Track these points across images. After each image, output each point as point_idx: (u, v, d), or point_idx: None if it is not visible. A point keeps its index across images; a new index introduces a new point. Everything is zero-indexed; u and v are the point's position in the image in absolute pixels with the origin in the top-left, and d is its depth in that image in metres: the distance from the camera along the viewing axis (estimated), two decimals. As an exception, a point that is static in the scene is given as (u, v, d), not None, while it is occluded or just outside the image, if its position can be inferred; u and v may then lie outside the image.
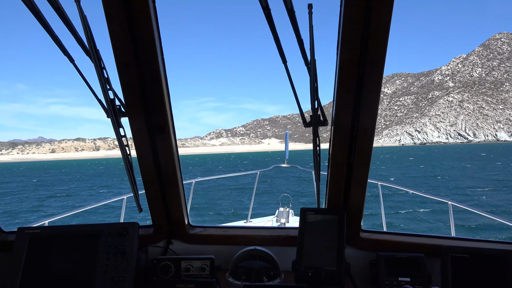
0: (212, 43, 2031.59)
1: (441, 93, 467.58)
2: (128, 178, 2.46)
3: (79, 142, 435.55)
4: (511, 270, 2.14)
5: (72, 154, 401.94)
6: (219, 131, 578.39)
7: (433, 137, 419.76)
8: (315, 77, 2.04)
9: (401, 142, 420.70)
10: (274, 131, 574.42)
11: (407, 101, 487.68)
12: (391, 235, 2.83)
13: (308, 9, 1.83)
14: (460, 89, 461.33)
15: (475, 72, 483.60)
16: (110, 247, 2.35)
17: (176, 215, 2.79)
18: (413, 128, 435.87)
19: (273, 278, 2.49)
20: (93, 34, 1.93)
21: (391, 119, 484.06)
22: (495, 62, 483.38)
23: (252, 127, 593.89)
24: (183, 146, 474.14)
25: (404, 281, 2.37)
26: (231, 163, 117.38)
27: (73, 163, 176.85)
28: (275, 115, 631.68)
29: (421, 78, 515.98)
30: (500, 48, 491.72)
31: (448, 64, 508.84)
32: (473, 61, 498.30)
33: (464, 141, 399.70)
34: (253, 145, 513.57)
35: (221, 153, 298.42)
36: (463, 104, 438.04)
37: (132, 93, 2.20)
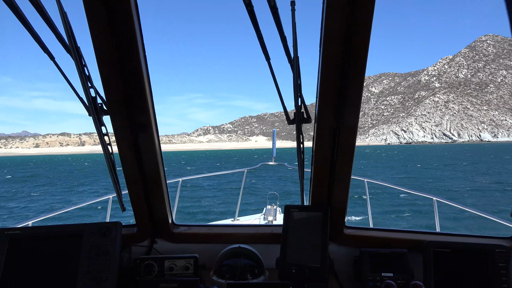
0: (201, 39, 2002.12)
1: (427, 94, 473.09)
2: (110, 177, 2.44)
3: (64, 137, 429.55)
4: (492, 264, 2.16)
5: (57, 149, 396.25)
6: (206, 128, 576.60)
7: (418, 136, 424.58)
8: (298, 74, 2.05)
9: (387, 141, 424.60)
10: (262, 128, 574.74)
11: (394, 100, 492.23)
12: (374, 231, 2.83)
13: (290, 6, 1.84)
14: (446, 90, 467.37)
15: (461, 73, 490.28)
16: (92, 247, 2.32)
17: (160, 214, 2.77)
18: (399, 127, 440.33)
19: (258, 275, 2.49)
20: (73, 31, 1.88)
21: (378, 118, 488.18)
22: (481, 63, 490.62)
23: (240, 124, 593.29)
24: (170, 143, 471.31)
25: (387, 276, 2.37)
26: (218, 160, 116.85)
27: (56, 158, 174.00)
28: (263, 112, 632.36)
29: (408, 78, 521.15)
30: (485, 50, 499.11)
31: (434, 65, 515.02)
32: (459, 62, 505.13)
33: (448, 141, 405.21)
34: (240, 142, 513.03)
35: (208, 150, 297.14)
36: (448, 104, 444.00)
37: (114, 91, 2.18)
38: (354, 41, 1.95)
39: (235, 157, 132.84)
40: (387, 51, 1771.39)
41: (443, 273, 2.20)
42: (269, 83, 2.02)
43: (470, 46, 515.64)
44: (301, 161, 2.51)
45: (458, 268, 2.20)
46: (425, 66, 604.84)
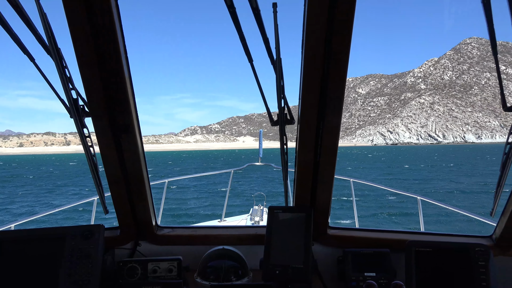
0: (190, 39, 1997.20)
1: (413, 95, 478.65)
2: (93, 179, 2.42)
3: (48, 136, 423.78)
4: (472, 262, 2.19)
5: (42, 148, 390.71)
6: (194, 128, 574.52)
7: (404, 137, 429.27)
8: (281, 76, 2.05)
9: (373, 142, 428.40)
10: (249, 129, 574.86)
11: (381, 101, 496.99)
12: (358, 231, 2.85)
13: (272, 8, 1.84)
14: (431, 92, 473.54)
15: (446, 75, 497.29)
16: (74, 250, 2.30)
17: (143, 216, 2.75)
18: (386, 128, 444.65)
19: (242, 277, 2.49)
20: (54, 32, 1.87)
21: (365, 119, 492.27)
22: (465, 66, 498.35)
23: (227, 124, 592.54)
24: (157, 143, 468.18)
25: (369, 276, 2.40)
26: (205, 160, 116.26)
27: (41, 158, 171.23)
28: (250, 113, 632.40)
29: (394, 80, 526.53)
30: (470, 52, 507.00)
31: (420, 67, 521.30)
32: (444, 65, 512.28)
33: (434, 142, 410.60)
34: (228, 142, 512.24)
35: (195, 150, 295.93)
36: (433, 106, 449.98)
37: (95, 92, 2.16)
38: (336, 42, 1.95)
39: (222, 158, 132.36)
40: (374, 53, 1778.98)
41: (424, 272, 2.22)
42: (256, 83, 2.07)
43: (455, 48, 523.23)
44: (285, 162, 2.52)
45: (440, 267, 2.23)
46: (411, 68, 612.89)
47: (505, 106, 1.94)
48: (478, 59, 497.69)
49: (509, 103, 1.92)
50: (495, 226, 2.66)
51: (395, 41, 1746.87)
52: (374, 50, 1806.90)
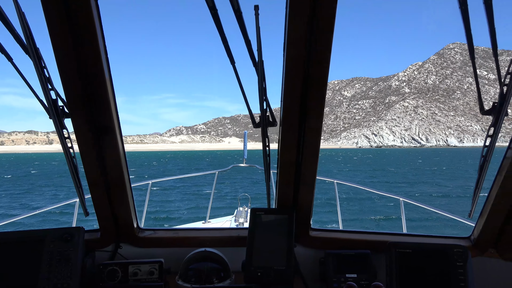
0: (175, 39, 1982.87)
1: (397, 98, 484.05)
2: (72, 181, 2.39)
3: (31, 135, 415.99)
4: (451, 263, 2.23)
5: (23, 147, 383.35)
6: (179, 128, 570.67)
7: (388, 140, 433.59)
8: (263, 78, 2.05)
9: (358, 145, 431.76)
10: (235, 129, 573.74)
11: (365, 104, 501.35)
12: (339, 233, 2.86)
13: (254, 10, 1.85)
14: (415, 95, 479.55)
15: (430, 80, 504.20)
16: (53, 253, 2.26)
17: (124, 218, 2.72)
18: (370, 131, 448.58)
19: (224, 279, 2.48)
20: (32, 31, 1.84)
21: (350, 121, 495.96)
22: (448, 70, 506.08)
23: (213, 125, 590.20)
24: (142, 142, 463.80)
25: (351, 277, 2.41)
26: (191, 161, 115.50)
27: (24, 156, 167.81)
28: (236, 113, 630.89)
29: (379, 83, 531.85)
30: (453, 57, 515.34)
31: (405, 71, 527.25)
32: (428, 69, 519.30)
33: (417, 145, 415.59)
34: (213, 143, 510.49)
35: (180, 151, 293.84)
36: (417, 109, 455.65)
37: (75, 93, 2.12)
38: (317, 45, 1.97)
39: (207, 158, 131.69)
40: (359, 56, 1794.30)
41: (405, 273, 2.24)
42: (244, 84, 2.06)
43: (438, 53, 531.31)
44: (267, 164, 2.52)
45: (419, 267, 2.25)
46: (396, 72, 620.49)
47: (482, 109, 2.00)
48: (461, 64, 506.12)
49: (487, 106, 1.99)
50: (473, 227, 2.69)
51: (381, 44, 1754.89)
52: (359, 53, 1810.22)
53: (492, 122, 2.04)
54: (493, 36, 1.76)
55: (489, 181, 2.40)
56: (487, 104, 2.00)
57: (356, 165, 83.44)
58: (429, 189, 38.07)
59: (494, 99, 1.95)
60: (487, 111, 1.99)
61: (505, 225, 2.49)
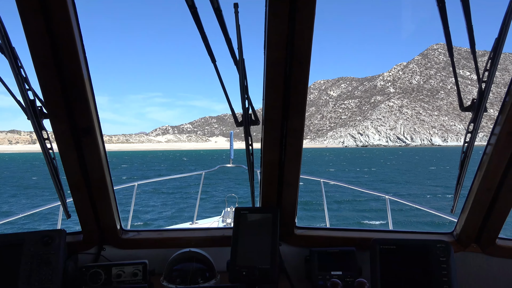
0: (160, 37, 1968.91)
1: (382, 98, 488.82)
2: (53, 182, 2.34)
3: (13, 135, 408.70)
4: (434, 258, 2.26)
5: (5, 147, 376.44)
6: (165, 128, 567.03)
7: (374, 140, 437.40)
8: (244, 76, 2.05)
9: (344, 144, 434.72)
10: (222, 129, 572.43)
11: (351, 104, 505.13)
12: (324, 230, 2.89)
13: (234, 8, 1.84)
14: (400, 95, 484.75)
15: (414, 80, 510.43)
16: (33, 257, 2.21)
17: (107, 220, 2.69)
18: (356, 130, 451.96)
19: (209, 279, 2.47)
20: (7, 30, 1.79)
21: (336, 121, 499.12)
22: (432, 71, 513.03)
23: (200, 124, 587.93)
24: (127, 142, 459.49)
25: (336, 274, 2.43)
26: (176, 161, 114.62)
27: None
28: (223, 113, 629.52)
29: (365, 83, 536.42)
30: (437, 58, 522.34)
31: (390, 71, 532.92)
32: (412, 69, 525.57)
33: (402, 145, 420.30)
34: (200, 142, 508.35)
35: (166, 150, 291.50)
36: (402, 109, 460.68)
37: (53, 93, 2.08)
38: (297, 45, 1.96)
39: (184, 157, 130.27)
40: (345, 56, 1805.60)
41: (389, 269, 2.26)
42: (229, 83, 2.09)
43: (422, 53, 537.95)
44: (251, 164, 2.53)
45: (403, 263, 2.27)
46: (381, 72, 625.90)
47: (462, 106, 2.04)
48: (445, 65, 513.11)
49: (468, 103, 2.03)
50: (455, 222, 2.72)
51: (366, 45, 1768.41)
52: (345, 53, 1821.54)
53: (472, 118, 2.06)
54: (470, 33, 1.76)
55: (470, 178, 2.43)
56: (466, 103, 2.03)
57: (348, 165, 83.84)
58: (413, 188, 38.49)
59: None
60: (466, 107, 2.02)
61: (486, 220, 2.52)
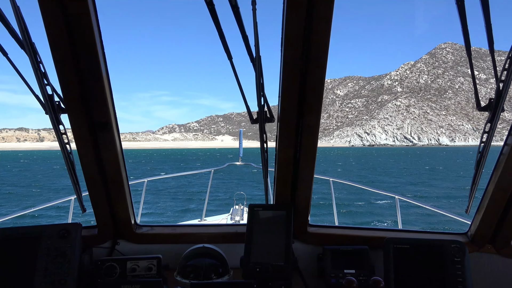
0: (167, 36, 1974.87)
1: (389, 97, 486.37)
2: (69, 177, 2.37)
3: (21, 132, 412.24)
4: (448, 258, 2.24)
5: (14, 144, 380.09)
6: (172, 126, 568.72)
7: (381, 139, 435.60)
8: (260, 74, 2.04)
9: (351, 143, 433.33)
10: (228, 128, 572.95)
11: (358, 103, 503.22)
12: (337, 229, 2.88)
13: (251, 5, 1.84)
14: (407, 94, 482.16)
15: (422, 79, 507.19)
16: (50, 250, 2.24)
17: (122, 214, 2.71)
18: (363, 130, 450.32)
19: (222, 275, 2.49)
20: (27, 26, 1.82)
21: (343, 120, 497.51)
22: (440, 70, 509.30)
23: (206, 123, 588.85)
24: (134, 140, 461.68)
25: (349, 273, 2.43)
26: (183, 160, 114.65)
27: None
28: (229, 112, 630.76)
29: (372, 82, 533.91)
30: (445, 57, 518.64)
31: (397, 70, 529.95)
32: (420, 68, 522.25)
33: (409, 144, 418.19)
34: (206, 141, 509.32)
35: (173, 149, 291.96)
36: (409, 108, 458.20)
37: (71, 88, 2.10)
38: (314, 42, 1.96)
39: (201, 157, 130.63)
40: (352, 55, 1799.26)
41: (402, 269, 2.25)
42: (235, 82, 2.09)
43: (430, 53, 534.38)
44: (265, 161, 2.52)
45: (417, 263, 2.26)
46: (388, 71, 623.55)
47: (479, 106, 2.00)
48: (453, 64, 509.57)
49: (483, 102, 2.00)
50: (470, 223, 2.70)
51: (373, 44, 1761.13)
52: (352, 52, 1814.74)
53: (489, 118, 2.04)
54: (489, 32, 1.74)
55: (486, 178, 2.42)
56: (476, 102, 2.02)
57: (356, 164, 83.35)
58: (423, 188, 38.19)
59: (485, 99, 1.96)
60: (483, 107, 1.99)
61: (502, 221, 2.50)
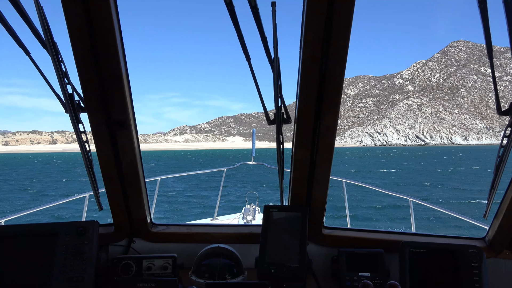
0: (178, 37, 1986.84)
1: (401, 97, 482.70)
2: (87, 175, 2.42)
3: (35, 135, 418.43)
4: (465, 264, 2.22)
5: (27, 147, 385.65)
6: (183, 127, 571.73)
7: (392, 139, 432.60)
8: (278, 75, 2.06)
9: (362, 143, 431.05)
10: (239, 129, 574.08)
11: (369, 103, 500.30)
12: (352, 231, 2.86)
13: (271, 7, 1.84)
14: (419, 93, 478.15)
15: (434, 78, 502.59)
16: (68, 247, 2.28)
17: (138, 213, 2.75)
18: (374, 129, 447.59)
19: (236, 275, 2.50)
20: (50, 26, 1.85)
21: (353, 120, 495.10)
22: (452, 68, 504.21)
23: (217, 124, 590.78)
24: (145, 142, 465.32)
25: (364, 276, 2.42)
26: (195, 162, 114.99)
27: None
28: (240, 112, 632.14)
29: (383, 81, 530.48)
30: (457, 55, 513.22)
31: (408, 69, 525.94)
32: (432, 67, 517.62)
33: (421, 144, 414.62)
34: (217, 142, 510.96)
35: (184, 150, 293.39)
36: (421, 107, 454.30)
37: (91, 88, 2.14)
38: (334, 43, 1.95)
39: (210, 158, 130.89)
40: (363, 55, 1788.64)
41: (418, 273, 2.24)
42: (246, 83, 2.91)
43: (442, 51, 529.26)
44: (281, 162, 2.52)
45: (433, 268, 2.25)
46: (399, 70, 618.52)
47: (499, 109, 1.98)
48: (465, 62, 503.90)
49: (506, 105, 1.97)
50: (487, 228, 2.70)
51: (384, 43, 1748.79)
52: (363, 51, 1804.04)
53: (510, 122, 2.01)
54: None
55: (505, 182, 2.37)
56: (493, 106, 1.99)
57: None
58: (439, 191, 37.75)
59: (505, 99, 1.92)
60: (504, 111, 1.97)
61: None
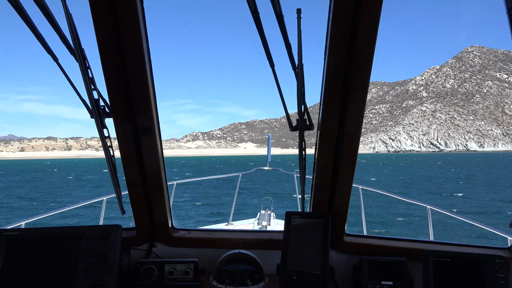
0: (192, 45, 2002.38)
1: (415, 103, 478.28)
2: (111, 179, 2.44)
3: (50, 141, 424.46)
4: (491, 274, 2.19)
5: (43, 153, 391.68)
6: (195, 134, 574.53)
7: (406, 145, 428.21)
8: (302, 82, 2.05)
9: (375, 150, 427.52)
10: (251, 135, 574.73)
11: (382, 109, 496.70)
12: (374, 239, 2.83)
13: (296, 14, 1.85)
14: (433, 99, 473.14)
15: (448, 83, 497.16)
16: (91, 250, 2.30)
17: (160, 217, 2.77)
18: (387, 136, 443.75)
19: (257, 281, 2.48)
20: (78, 33, 1.90)
21: (366, 126, 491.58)
22: (467, 74, 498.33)
23: (229, 130, 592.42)
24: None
25: (386, 284, 2.39)
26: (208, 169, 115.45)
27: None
28: (252, 119, 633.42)
29: (396, 87, 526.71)
30: (472, 60, 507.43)
31: (422, 75, 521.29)
32: (446, 73, 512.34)
33: (436, 150, 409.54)
34: (229, 148, 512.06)
35: (197, 156, 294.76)
36: (435, 114, 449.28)
37: (117, 94, 2.18)
38: (359, 49, 1.95)
39: (222, 165, 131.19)
40: (375, 60, 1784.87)
41: (443, 282, 2.21)
42: (257, 89, 2.72)
43: (456, 56, 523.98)
44: (303, 168, 2.51)
45: (458, 277, 2.21)
46: (413, 76, 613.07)
47: None
48: (480, 68, 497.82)
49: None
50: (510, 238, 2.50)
51: (397, 48, 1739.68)
52: (376, 57, 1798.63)
53: None
54: None
55: None
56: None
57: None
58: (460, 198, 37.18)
59: None
60: None
61: None
